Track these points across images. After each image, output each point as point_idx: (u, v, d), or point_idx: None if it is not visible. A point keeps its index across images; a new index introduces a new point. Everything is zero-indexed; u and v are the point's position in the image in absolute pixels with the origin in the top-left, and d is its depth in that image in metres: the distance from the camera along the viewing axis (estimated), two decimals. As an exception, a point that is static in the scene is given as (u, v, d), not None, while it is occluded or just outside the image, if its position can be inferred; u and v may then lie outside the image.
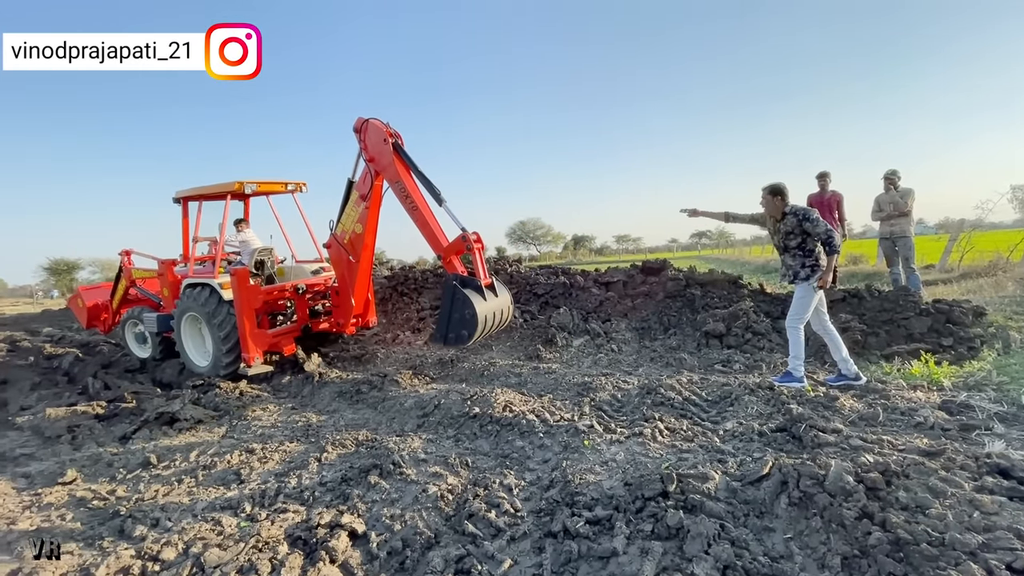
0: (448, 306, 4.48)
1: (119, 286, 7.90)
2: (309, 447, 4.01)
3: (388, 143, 5.01)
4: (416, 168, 4.97)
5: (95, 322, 8.38)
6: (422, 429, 4.19)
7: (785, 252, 4.31)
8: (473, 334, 4.38)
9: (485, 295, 4.52)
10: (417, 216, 4.95)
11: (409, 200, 4.95)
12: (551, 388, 4.70)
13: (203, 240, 7.20)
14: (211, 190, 6.45)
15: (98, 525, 3.05)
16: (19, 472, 3.98)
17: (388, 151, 5.02)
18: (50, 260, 40.78)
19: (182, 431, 4.70)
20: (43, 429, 4.88)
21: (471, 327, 4.35)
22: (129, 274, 7.66)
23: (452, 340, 4.50)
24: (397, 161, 5.00)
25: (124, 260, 7.67)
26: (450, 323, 4.47)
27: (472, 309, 4.31)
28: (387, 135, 5.04)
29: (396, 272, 10.42)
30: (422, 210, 4.90)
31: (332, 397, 5.40)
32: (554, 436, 3.53)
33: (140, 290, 7.67)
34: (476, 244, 4.59)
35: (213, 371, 6.23)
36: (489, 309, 4.48)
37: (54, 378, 7.16)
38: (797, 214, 4.13)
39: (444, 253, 4.75)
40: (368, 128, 5.23)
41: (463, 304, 4.37)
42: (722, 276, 7.01)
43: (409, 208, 5.00)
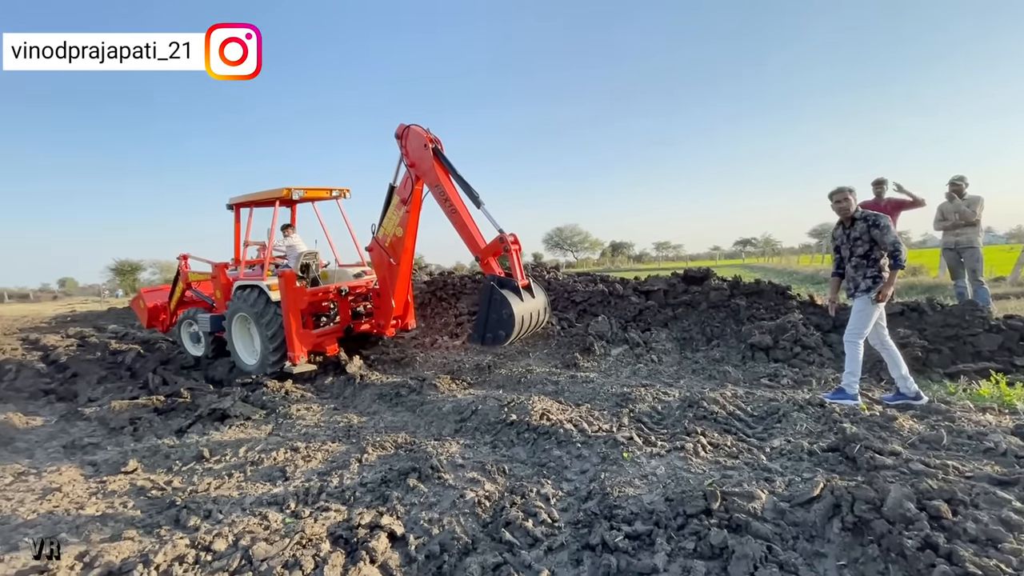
0: (486, 307, 4.50)
1: (176, 288, 8.38)
2: (350, 448, 4.11)
3: (428, 148, 5.12)
4: (455, 172, 5.05)
5: (154, 322, 8.93)
6: (459, 434, 4.22)
7: (849, 260, 4.09)
8: (510, 334, 4.39)
9: (522, 296, 4.54)
10: (456, 219, 5.03)
11: (448, 203, 5.04)
12: (589, 397, 4.64)
13: (253, 244, 7.56)
14: (261, 196, 6.77)
15: (156, 514, 3.22)
16: (87, 460, 4.26)
17: (428, 156, 5.12)
18: (116, 261, 43.73)
19: (232, 427, 4.91)
20: (108, 420, 5.22)
21: (508, 327, 4.37)
22: (186, 277, 8.13)
23: (489, 340, 4.52)
24: (437, 166, 5.10)
25: (181, 264, 8.15)
26: (487, 323, 4.49)
27: (509, 309, 4.33)
28: (427, 140, 5.15)
29: (435, 277, 10.59)
30: (461, 213, 4.98)
31: (372, 399, 5.53)
32: (592, 447, 3.49)
33: (195, 292, 8.13)
34: (513, 245, 4.62)
35: (260, 369, 6.50)
36: (526, 310, 4.49)
37: (118, 372, 7.66)
38: (867, 219, 3.91)
39: (482, 255, 4.81)
40: (409, 134, 5.36)
41: (500, 304, 4.39)
42: (769, 286, 6.76)
43: (448, 211, 5.09)
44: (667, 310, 6.96)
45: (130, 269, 43.45)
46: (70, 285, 49.59)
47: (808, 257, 29.76)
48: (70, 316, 18.80)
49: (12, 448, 4.66)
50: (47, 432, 5.07)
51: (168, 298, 8.63)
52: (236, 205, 7.24)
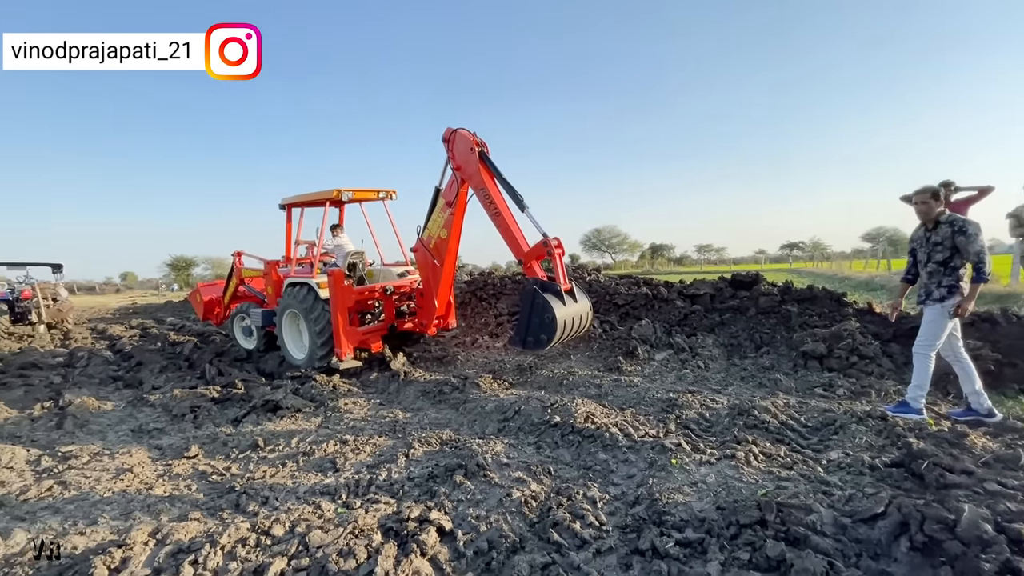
0: (528, 310, 4.52)
1: (230, 284, 8.80)
2: (397, 442, 4.21)
3: (475, 152, 5.17)
4: (500, 175, 5.09)
5: (209, 315, 9.42)
6: (503, 433, 4.25)
7: (925, 266, 3.83)
8: (552, 339, 4.39)
9: (564, 300, 4.51)
10: (500, 222, 5.07)
11: (492, 206, 5.08)
12: (633, 402, 4.59)
13: (303, 243, 7.84)
14: (312, 197, 7.01)
15: (217, 497, 3.40)
16: (153, 444, 4.53)
17: (474, 159, 5.17)
18: (172, 257, 46.29)
19: (284, 418, 5.12)
20: (171, 408, 5.53)
21: (550, 332, 4.37)
22: (239, 273, 8.52)
23: (531, 344, 4.54)
24: (482, 169, 5.15)
25: (236, 260, 8.54)
26: (529, 327, 4.51)
27: (551, 314, 4.32)
28: (474, 144, 5.20)
29: (476, 277, 10.70)
30: (504, 216, 5.02)
31: (416, 396, 5.64)
32: (639, 452, 3.45)
33: (248, 288, 8.51)
34: (557, 249, 4.61)
35: (308, 363, 6.74)
36: (568, 314, 4.47)
37: (178, 362, 8.11)
38: (953, 224, 3.63)
39: (525, 258, 4.83)
40: (456, 137, 5.42)
41: (543, 309, 4.40)
42: (823, 292, 6.49)
43: (492, 214, 5.13)
44: (714, 315, 6.79)
45: (184, 264, 45.94)
46: (131, 279, 52.80)
47: (861, 262, 28.33)
48: (132, 308, 20.05)
49: (87, 430, 5.01)
50: (117, 416, 5.43)
51: (222, 293, 9.06)
52: (288, 205, 7.52)
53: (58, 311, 13.08)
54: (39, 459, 4.18)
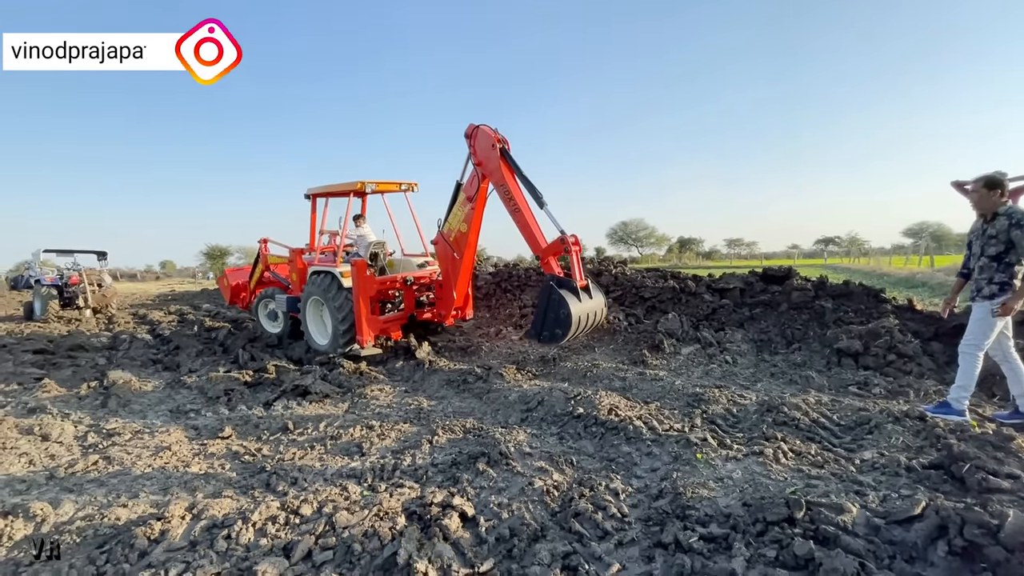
0: (544, 305, 4.62)
1: (256, 270, 9.07)
2: (421, 429, 4.27)
3: (496, 148, 5.24)
4: (520, 172, 5.14)
5: (236, 299, 9.75)
6: (526, 423, 4.26)
7: (978, 259, 3.62)
8: (566, 334, 4.47)
9: (580, 296, 4.57)
10: (519, 218, 5.15)
11: (512, 202, 5.16)
12: (658, 396, 4.53)
13: (327, 232, 8.02)
14: (336, 188, 7.20)
15: (249, 477, 3.52)
16: (190, 424, 4.72)
17: (495, 156, 5.24)
18: (207, 246, 47.82)
19: (312, 402, 5.25)
20: (206, 390, 5.74)
21: (565, 327, 4.45)
22: (265, 259, 8.78)
23: (546, 338, 4.64)
24: (503, 165, 5.22)
25: (262, 247, 8.82)
26: (544, 321, 4.60)
27: (567, 309, 4.40)
28: (495, 140, 5.27)
29: (500, 269, 10.71)
30: (524, 212, 5.09)
31: (440, 384, 5.70)
32: (663, 445, 3.41)
33: (273, 274, 8.78)
34: (574, 246, 4.68)
35: (331, 349, 6.95)
36: (583, 310, 4.54)
37: (213, 347, 8.41)
38: (1012, 216, 3.40)
39: (542, 254, 4.92)
40: (478, 134, 5.50)
41: (558, 304, 4.48)
42: (859, 288, 6.25)
43: (511, 210, 5.21)
44: (743, 310, 6.63)
45: (219, 254, 47.37)
46: (169, 267, 54.84)
47: (902, 258, 27.19)
48: (170, 295, 20.84)
49: (129, 409, 5.25)
50: (156, 397, 5.66)
51: (249, 278, 9.35)
52: (313, 196, 7.74)
53: (103, 296, 13.69)
54: (85, 435, 4.40)
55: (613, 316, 7.01)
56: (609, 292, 8.27)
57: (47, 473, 3.60)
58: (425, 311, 7.35)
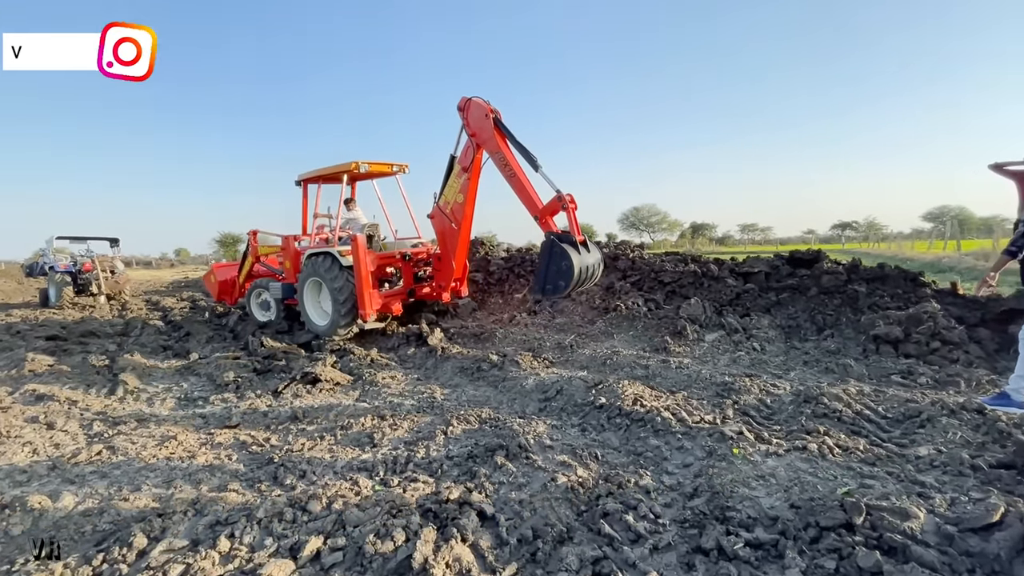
0: (546, 260, 4.81)
1: (246, 262, 8.93)
2: (435, 419, 4.08)
3: (489, 118, 5.39)
4: (514, 138, 5.26)
5: (224, 295, 9.61)
6: (544, 413, 4.05)
7: None
8: (569, 284, 4.63)
9: (579, 250, 4.74)
10: (515, 182, 5.29)
11: (508, 168, 5.31)
12: (684, 385, 4.29)
13: (322, 216, 7.88)
14: (329, 171, 7.15)
15: (256, 469, 3.35)
16: (198, 413, 4.58)
17: (489, 125, 5.39)
18: (220, 234, 48.16)
19: (322, 390, 5.08)
20: (215, 377, 5.61)
21: (567, 277, 4.62)
22: (255, 251, 8.64)
23: (549, 291, 4.83)
24: (497, 134, 5.38)
25: (251, 239, 8.67)
26: (547, 275, 4.79)
27: (569, 261, 4.58)
28: (488, 111, 5.41)
29: (513, 254, 10.46)
30: (519, 176, 5.25)
31: (454, 372, 5.51)
32: (695, 439, 3.17)
33: (264, 265, 8.66)
34: (570, 204, 4.82)
35: (330, 329, 6.93)
36: (583, 263, 4.72)
37: (223, 333, 8.31)
38: None
39: (540, 214, 5.04)
40: (471, 105, 5.64)
41: (560, 256, 4.66)
42: (896, 271, 5.90)
43: (508, 175, 5.34)
44: (770, 295, 6.32)
45: (231, 241, 47.69)
46: (183, 254, 55.39)
47: (924, 243, 26.40)
48: (183, 282, 20.91)
49: (137, 397, 5.13)
50: (165, 385, 5.54)
51: (237, 272, 9.21)
52: (304, 181, 7.72)
53: (115, 283, 13.70)
54: (91, 423, 4.28)
55: (632, 302, 6.75)
56: (626, 277, 7.99)
57: (50, 463, 3.47)
58: (424, 286, 7.43)
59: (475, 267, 9.50)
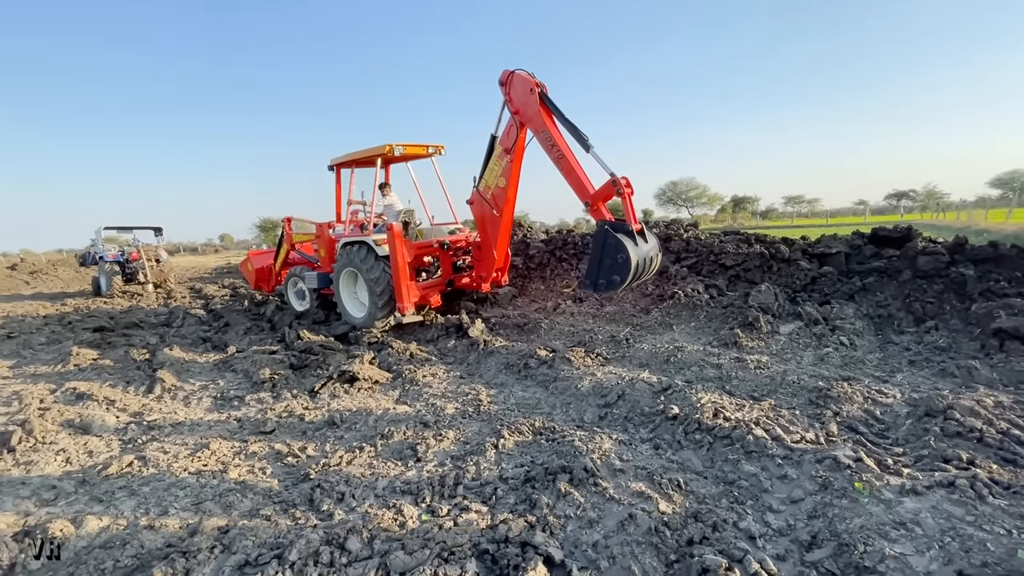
0: (599, 251, 4.41)
1: (281, 250, 8.72)
2: (482, 427, 3.69)
3: (535, 93, 4.95)
4: (562, 115, 4.81)
5: (262, 283, 9.48)
6: (606, 424, 3.59)
7: None
8: (625, 279, 4.28)
9: (636, 241, 4.34)
10: (563, 164, 4.84)
11: (555, 149, 4.87)
12: (768, 389, 3.72)
13: (356, 203, 7.53)
14: (363, 155, 6.76)
15: (291, 486, 3.05)
16: (233, 416, 4.34)
17: (534, 101, 4.96)
18: (261, 219, 49.27)
19: (360, 390, 4.78)
20: (251, 374, 5.39)
21: (623, 272, 4.25)
22: (290, 238, 8.41)
23: (603, 287, 4.42)
24: (543, 110, 4.94)
25: (285, 226, 8.42)
26: (600, 269, 4.40)
27: (625, 254, 4.21)
28: (533, 85, 4.97)
29: (553, 236, 9.91)
30: (568, 158, 4.80)
31: (499, 368, 5.10)
32: (800, 465, 2.63)
33: (299, 252, 8.44)
34: (626, 189, 4.42)
35: (368, 321, 6.66)
36: (641, 255, 4.34)
37: (260, 324, 8.18)
38: None
39: (591, 200, 4.63)
40: (514, 80, 5.19)
41: (615, 249, 4.28)
42: (1014, 251, 5.05)
43: (555, 157, 4.90)
44: (852, 279, 5.58)
45: (271, 226, 48.75)
46: (227, 240, 57.15)
47: (1001, 211, 24.08)
48: (226, 268, 21.36)
49: (173, 395, 4.96)
50: (202, 382, 5.37)
51: (274, 260, 9.02)
52: (337, 166, 7.36)
53: (160, 271, 13.98)
54: (126, 427, 4.11)
55: (691, 288, 6.13)
56: (680, 260, 7.35)
57: (80, 476, 3.28)
58: (463, 276, 7.07)
59: (514, 250, 9.02)
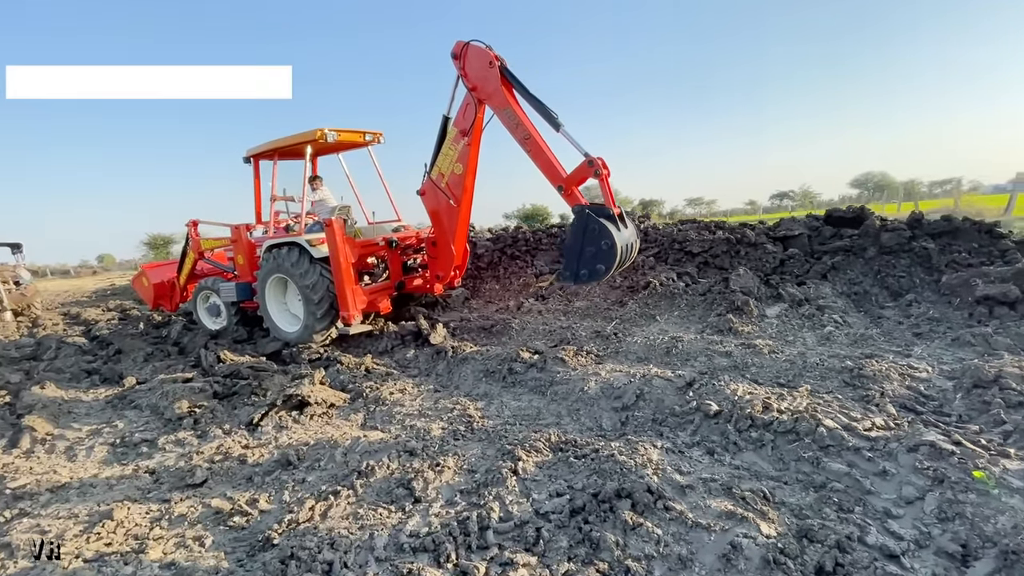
0: (579, 239, 4.06)
1: (187, 260, 7.42)
2: (485, 448, 3.02)
3: (495, 66, 4.49)
4: (527, 91, 4.39)
5: (162, 300, 8.01)
6: (632, 429, 3.08)
7: None
8: (610, 268, 3.97)
9: (618, 225, 4.03)
10: (531, 145, 4.41)
11: (521, 128, 4.44)
12: (793, 374, 3.43)
13: (281, 199, 6.54)
14: (288, 142, 5.84)
15: (249, 559, 2.20)
16: (143, 467, 3.28)
17: (494, 75, 4.51)
18: (149, 236, 43.86)
19: (313, 416, 3.89)
20: (162, 409, 4.26)
21: (608, 259, 3.93)
22: (197, 245, 7.15)
23: (584, 277, 4.10)
24: (504, 86, 4.50)
25: (191, 231, 7.14)
26: (581, 257, 4.06)
27: (610, 239, 3.89)
28: (492, 58, 4.51)
29: (502, 233, 9.37)
30: (535, 138, 4.39)
31: (477, 377, 4.44)
32: (894, 457, 2.27)
33: (209, 261, 7.21)
34: (603, 170, 4.10)
35: (304, 334, 5.73)
36: (624, 240, 4.03)
37: (165, 348, 6.77)
38: None
39: (565, 183, 4.27)
40: (469, 52, 4.71)
41: (598, 235, 3.95)
42: (967, 224, 5.29)
43: (521, 138, 4.46)
44: (822, 259, 5.59)
45: (162, 243, 43.53)
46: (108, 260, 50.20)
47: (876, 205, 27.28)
48: (110, 289, 18.38)
49: (50, 448, 3.73)
50: (92, 424, 4.15)
51: (177, 272, 7.68)
52: (255, 157, 6.35)
53: (21, 295, 11.52)
54: (-25, 503, 2.92)
55: (665, 277, 5.86)
56: (642, 250, 7.11)
57: None
58: (415, 277, 6.28)
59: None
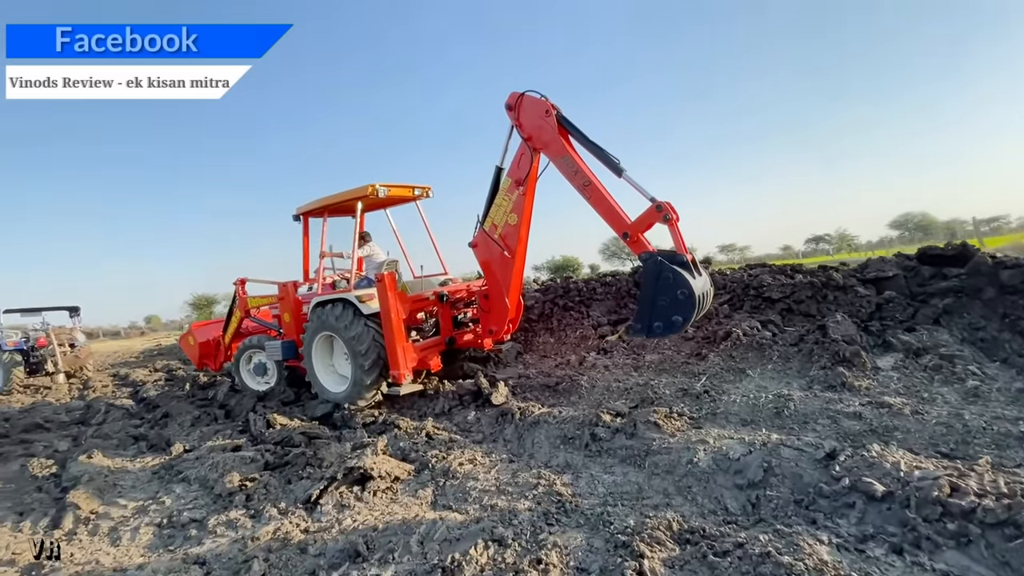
0: (651, 289, 3.85)
1: (232, 319, 7.35)
2: (591, 537, 2.51)
3: (551, 115, 4.49)
4: (585, 137, 4.37)
5: (207, 359, 7.95)
6: (770, 513, 2.51)
7: None
8: (688, 319, 3.74)
9: (693, 272, 3.80)
10: (591, 192, 4.34)
11: (580, 175, 4.38)
12: (955, 441, 2.82)
13: (330, 255, 6.43)
14: (339, 199, 5.80)
15: None
16: (192, 555, 2.88)
17: (551, 124, 4.50)
18: (193, 296, 45.52)
19: (377, 493, 3.45)
20: (211, 483, 3.92)
21: (686, 311, 3.69)
22: (244, 304, 7.08)
23: (659, 330, 3.85)
24: (561, 134, 4.49)
25: (239, 289, 7.12)
26: (654, 309, 3.81)
27: (687, 288, 3.67)
28: (548, 107, 4.52)
29: (551, 284, 9.02)
30: (596, 185, 4.33)
31: (553, 444, 3.94)
32: None
33: (256, 320, 7.10)
34: (672, 214, 3.94)
35: (353, 394, 5.46)
36: (700, 288, 3.78)
37: (211, 411, 6.53)
38: None
39: (631, 230, 4.12)
40: (524, 103, 4.74)
41: (674, 283, 3.72)
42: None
43: (580, 185, 4.39)
44: (931, 302, 4.97)
45: (206, 303, 45.02)
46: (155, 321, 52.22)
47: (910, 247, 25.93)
48: (156, 350, 18.76)
49: (93, 529, 3.39)
50: (138, 500, 3.82)
51: (223, 331, 7.58)
52: (305, 215, 6.34)
53: (75, 358, 11.75)
54: (12, 599, 2.56)
55: (747, 326, 5.32)
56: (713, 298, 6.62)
57: None
58: (465, 332, 6.05)
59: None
